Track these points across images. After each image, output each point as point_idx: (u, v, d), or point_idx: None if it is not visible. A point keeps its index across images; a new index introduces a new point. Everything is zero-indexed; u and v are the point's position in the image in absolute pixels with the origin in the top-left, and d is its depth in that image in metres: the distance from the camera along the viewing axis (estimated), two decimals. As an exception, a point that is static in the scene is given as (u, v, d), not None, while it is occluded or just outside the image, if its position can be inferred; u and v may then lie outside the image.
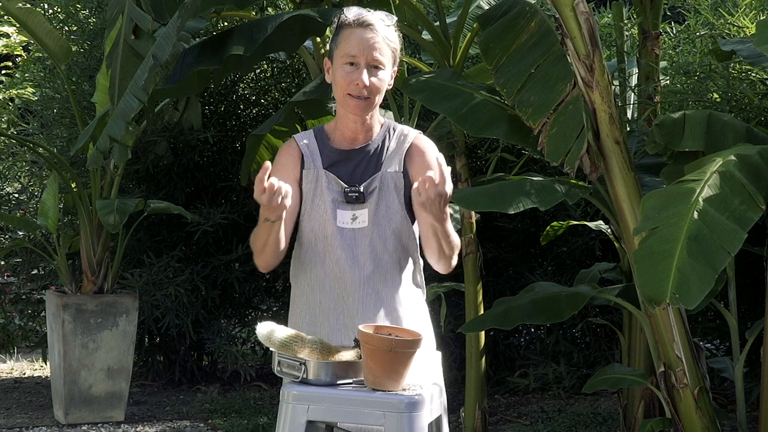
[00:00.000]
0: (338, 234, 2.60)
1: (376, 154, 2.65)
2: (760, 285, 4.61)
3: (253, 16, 5.91)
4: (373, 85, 2.57)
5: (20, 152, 7.19)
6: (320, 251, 2.63)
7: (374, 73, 2.57)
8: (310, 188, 2.64)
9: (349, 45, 2.56)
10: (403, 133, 2.68)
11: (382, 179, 2.62)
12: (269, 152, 5.68)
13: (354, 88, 2.56)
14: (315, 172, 2.65)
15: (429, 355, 2.64)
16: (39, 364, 7.47)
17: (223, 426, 5.60)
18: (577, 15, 4.01)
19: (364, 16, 2.57)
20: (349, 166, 2.65)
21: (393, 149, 2.65)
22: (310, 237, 2.64)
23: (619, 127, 4.10)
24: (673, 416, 4.17)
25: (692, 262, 3.30)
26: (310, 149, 2.68)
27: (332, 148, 2.67)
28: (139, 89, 4.34)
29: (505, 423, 5.72)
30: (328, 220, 2.61)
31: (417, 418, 2.27)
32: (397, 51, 2.62)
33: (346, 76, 2.57)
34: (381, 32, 2.57)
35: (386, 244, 2.60)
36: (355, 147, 2.66)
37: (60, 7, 6.79)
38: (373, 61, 2.56)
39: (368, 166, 2.64)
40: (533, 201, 4.27)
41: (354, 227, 2.60)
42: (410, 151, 2.65)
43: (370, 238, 2.60)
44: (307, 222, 2.65)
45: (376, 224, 2.60)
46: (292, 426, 2.31)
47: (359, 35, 2.56)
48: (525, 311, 4.51)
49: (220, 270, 6.53)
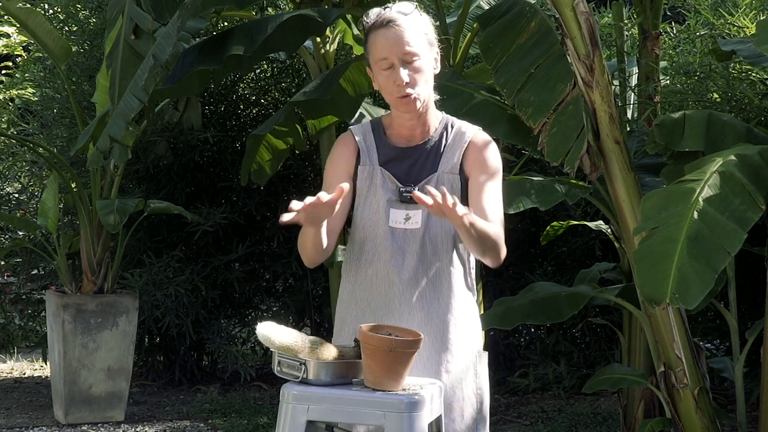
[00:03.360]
0: (390, 234, 2.57)
1: (434, 152, 2.61)
2: (760, 285, 4.60)
3: (253, 16, 5.91)
4: (412, 78, 2.53)
5: (20, 152, 7.19)
6: (370, 250, 2.59)
7: (410, 66, 2.53)
8: (365, 185, 2.61)
9: (377, 49, 2.54)
10: (461, 130, 2.64)
11: (439, 180, 2.58)
12: (269, 152, 5.68)
13: (397, 90, 2.54)
14: (370, 168, 2.62)
15: (478, 358, 2.64)
16: (39, 364, 7.47)
17: (223, 426, 5.60)
18: (577, 15, 4.01)
19: (383, 15, 2.54)
20: (406, 164, 2.61)
21: (450, 147, 2.61)
22: (362, 235, 2.61)
23: (619, 127, 4.10)
24: (673, 416, 4.18)
25: (692, 262, 3.30)
26: (366, 144, 2.64)
27: (389, 145, 2.63)
28: (139, 89, 4.34)
29: (505, 423, 5.72)
30: (381, 219, 2.58)
31: (417, 418, 2.27)
32: (429, 34, 2.57)
33: (387, 81, 2.54)
34: (404, 25, 2.53)
35: (437, 246, 2.57)
36: (411, 144, 2.62)
37: (60, 7, 6.79)
38: (404, 56, 2.52)
39: (425, 164, 2.61)
40: (533, 201, 4.27)
41: (406, 227, 2.57)
42: (468, 150, 2.61)
43: (422, 240, 2.56)
44: (360, 219, 2.62)
45: (429, 226, 2.57)
46: (292, 426, 2.31)
47: (383, 36, 2.53)
48: (525, 311, 4.52)
49: (220, 270, 6.53)
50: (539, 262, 6.73)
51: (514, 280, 6.53)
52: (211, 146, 6.59)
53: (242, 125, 6.87)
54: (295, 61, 6.83)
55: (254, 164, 5.63)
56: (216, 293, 6.52)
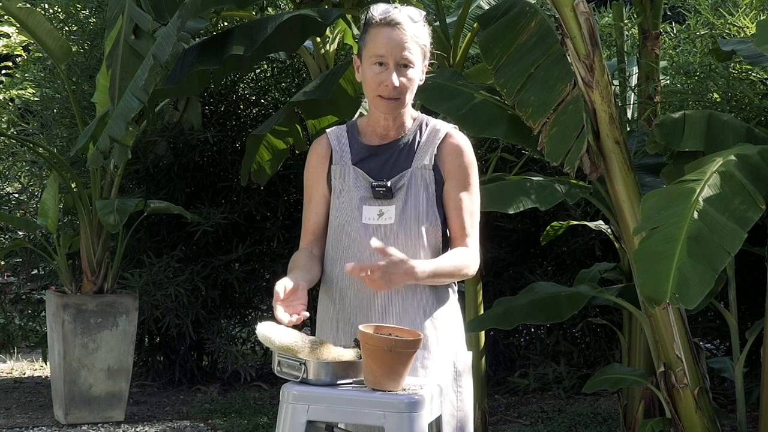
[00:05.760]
0: (363, 231, 2.56)
1: (407, 148, 2.61)
2: (760, 285, 4.60)
3: (253, 16, 5.91)
4: (403, 85, 2.54)
5: (20, 152, 7.19)
6: (344, 247, 2.59)
7: (403, 72, 2.53)
8: (338, 184, 2.62)
9: (376, 45, 2.53)
10: (435, 128, 2.64)
11: (412, 175, 2.58)
12: (269, 152, 5.69)
13: (383, 90, 2.54)
14: (343, 167, 2.62)
15: (462, 357, 2.63)
16: (39, 364, 7.47)
17: (223, 426, 5.60)
18: (577, 15, 4.01)
19: (391, 15, 2.53)
20: (379, 161, 2.61)
21: (424, 145, 2.61)
22: (336, 233, 2.61)
23: (619, 127, 4.10)
24: (673, 416, 4.18)
25: (692, 262, 3.30)
26: (340, 144, 2.65)
27: (362, 144, 2.64)
28: (139, 89, 4.34)
29: (505, 423, 5.72)
30: (354, 217, 2.58)
31: (417, 418, 2.27)
32: (427, 46, 2.58)
33: (375, 77, 2.54)
34: (409, 31, 2.53)
35: (411, 241, 2.56)
36: (385, 141, 2.63)
37: (60, 7, 6.79)
38: (402, 60, 2.53)
39: (398, 161, 2.61)
40: (533, 201, 4.27)
41: (380, 224, 2.57)
42: (442, 147, 2.61)
43: (396, 236, 2.55)
44: (334, 217, 2.62)
45: (403, 222, 2.56)
46: (292, 426, 2.31)
47: (387, 35, 2.52)
48: (525, 311, 4.51)
49: (220, 270, 6.53)
50: (539, 262, 6.73)
51: (514, 280, 6.53)
52: (211, 146, 6.59)
53: (242, 125, 6.87)
54: (295, 61, 6.83)
55: (254, 164, 5.63)
56: (216, 293, 6.52)
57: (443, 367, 2.58)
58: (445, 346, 2.60)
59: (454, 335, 2.64)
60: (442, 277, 2.52)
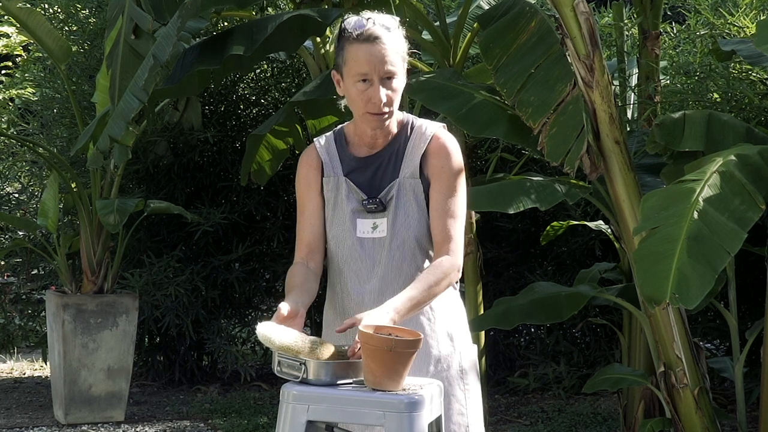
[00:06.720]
0: (358, 244, 2.58)
1: (395, 157, 2.60)
2: (760, 285, 4.60)
3: (253, 16, 5.91)
4: (389, 98, 2.52)
5: (20, 152, 7.19)
6: (342, 260, 2.61)
7: (388, 84, 2.51)
8: (332, 196, 2.62)
9: (359, 63, 2.50)
10: (421, 130, 2.61)
11: (400, 186, 2.58)
12: (269, 152, 5.69)
13: (372, 107, 2.52)
14: (335, 179, 2.62)
15: (467, 355, 2.63)
16: (39, 364, 7.47)
17: (223, 426, 5.60)
18: (577, 15, 4.01)
19: (368, 30, 2.49)
20: (368, 172, 2.61)
21: (411, 150, 2.60)
22: (334, 246, 2.62)
23: (619, 127, 4.10)
24: (673, 416, 4.18)
25: (692, 262, 3.30)
26: (329, 155, 2.64)
27: (351, 155, 2.63)
28: (139, 89, 4.34)
29: (505, 423, 5.72)
30: (348, 230, 2.59)
31: (417, 418, 2.26)
32: (404, 50, 2.56)
33: (361, 95, 2.51)
34: (388, 44, 2.50)
35: (405, 251, 2.56)
36: (373, 151, 2.62)
37: (60, 7, 6.79)
38: (385, 74, 2.50)
39: (386, 171, 2.60)
40: (533, 201, 4.27)
41: (374, 236, 2.58)
42: (428, 149, 2.59)
43: (389, 247, 2.56)
44: (330, 230, 2.63)
45: (395, 233, 2.56)
46: (292, 426, 2.30)
47: (367, 51, 2.49)
48: (525, 311, 4.52)
49: (220, 270, 6.53)
50: (539, 262, 6.73)
51: (514, 280, 6.53)
52: (211, 146, 6.59)
53: (242, 125, 6.87)
54: (295, 61, 6.83)
55: (254, 164, 5.63)
56: (216, 293, 6.52)
57: (446, 366, 2.59)
58: (446, 345, 2.60)
59: (458, 334, 2.64)
60: (422, 305, 2.47)
